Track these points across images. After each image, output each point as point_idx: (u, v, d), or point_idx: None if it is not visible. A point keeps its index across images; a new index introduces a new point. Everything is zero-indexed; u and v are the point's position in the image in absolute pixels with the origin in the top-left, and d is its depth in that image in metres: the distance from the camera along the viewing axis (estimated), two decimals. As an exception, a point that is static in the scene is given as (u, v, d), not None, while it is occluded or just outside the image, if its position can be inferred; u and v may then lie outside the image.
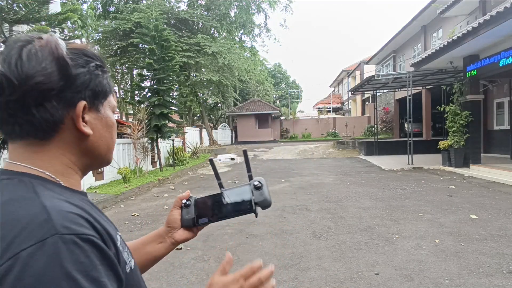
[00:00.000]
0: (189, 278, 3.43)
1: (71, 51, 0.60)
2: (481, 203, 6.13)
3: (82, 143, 0.63)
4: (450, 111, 10.47)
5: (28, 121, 0.56)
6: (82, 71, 0.60)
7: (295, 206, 6.42)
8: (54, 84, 0.56)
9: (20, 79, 0.54)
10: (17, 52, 0.56)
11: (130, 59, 16.89)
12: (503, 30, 7.73)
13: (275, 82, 43.43)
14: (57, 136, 0.60)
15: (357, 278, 3.29)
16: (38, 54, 0.56)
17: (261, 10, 20.90)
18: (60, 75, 0.57)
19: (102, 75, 0.65)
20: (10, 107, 0.55)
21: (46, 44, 0.57)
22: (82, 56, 0.62)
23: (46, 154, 0.60)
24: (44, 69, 0.55)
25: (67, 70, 0.58)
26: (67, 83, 0.58)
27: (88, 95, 0.61)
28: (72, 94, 0.59)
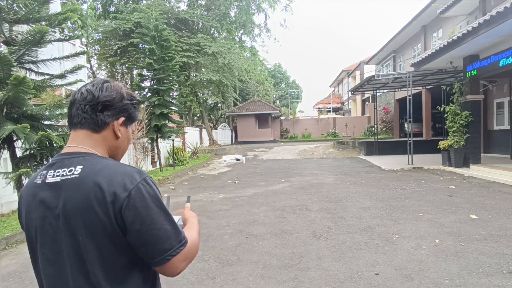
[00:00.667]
0: (189, 278, 3.43)
1: (127, 92, 1.09)
2: (481, 203, 6.13)
3: (114, 141, 1.07)
4: (450, 111, 10.47)
5: (92, 118, 1.02)
6: (127, 102, 1.09)
7: (295, 206, 6.42)
8: (113, 104, 1.04)
9: (98, 96, 1.02)
10: (101, 84, 1.05)
11: (130, 59, 16.88)
12: (503, 30, 7.73)
13: (275, 82, 43.47)
14: (103, 132, 1.04)
15: (357, 278, 3.29)
16: (112, 88, 1.06)
17: (261, 10, 20.91)
18: (118, 100, 1.05)
19: (137, 108, 1.14)
20: (86, 108, 1.02)
21: (116, 85, 1.08)
22: (131, 96, 1.11)
23: (96, 141, 1.03)
24: (112, 95, 1.04)
25: (122, 99, 1.07)
26: (119, 106, 1.06)
27: (126, 115, 1.09)
28: (119, 112, 1.06)
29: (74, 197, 0.93)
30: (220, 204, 6.87)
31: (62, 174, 0.96)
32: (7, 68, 5.04)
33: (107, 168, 0.96)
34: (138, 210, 0.92)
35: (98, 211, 0.91)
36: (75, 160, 0.97)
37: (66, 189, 0.94)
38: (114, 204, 0.91)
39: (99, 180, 0.92)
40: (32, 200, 0.98)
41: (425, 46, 18.16)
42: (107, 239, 0.92)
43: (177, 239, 0.97)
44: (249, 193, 7.91)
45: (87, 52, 15.59)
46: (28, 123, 5.00)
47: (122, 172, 0.96)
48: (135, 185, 0.94)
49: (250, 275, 3.44)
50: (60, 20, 5.76)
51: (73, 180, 0.94)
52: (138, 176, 0.97)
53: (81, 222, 0.92)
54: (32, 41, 5.29)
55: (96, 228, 0.91)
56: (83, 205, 0.92)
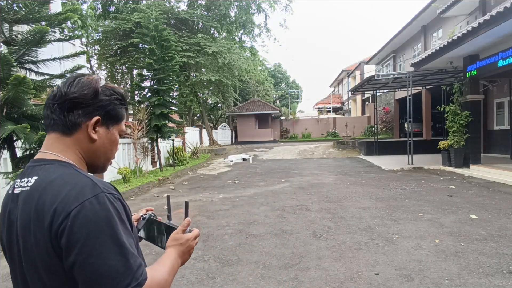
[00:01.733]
0: (189, 278, 3.43)
1: (105, 86, 0.93)
2: (481, 203, 6.13)
3: (90, 145, 0.91)
4: (450, 111, 10.47)
5: (60, 118, 0.88)
6: (104, 98, 0.92)
7: (295, 206, 6.42)
8: (84, 101, 0.88)
9: (66, 93, 0.88)
10: (73, 79, 0.91)
11: (130, 59, 16.87)
12: (503, 30, 7.73)
13: (275, 82, 43.44)
14: (75, 135, 0.89)
15: (357, 278, 3.29)
16: (84, 82, 0.90)
17: (261, 10, 20.89)
18: (90, 97, 0.89)
19: (118, 105, 0.96)
20: (53, 107, 0.88)
21: (91, 79, 0.91)
22: (111, 90, 0.94)
23: (67, 146, 0.89)
24: (82, 91, 0.88)
25: (96, 96, 0.90)
26: (92, 103, 0.89)
27: (102, 113, 0.91)
28: (93, 110, 0.90)
29: (21, 215, 0.81)
30: (220, 204, 6.87)
31: (21, 185, 0.85)
32: (7, 68, 5.04)
33: (59, 179, 0.81)
34: (76, 236, 0.73)
35: (37, 234, 0.77)
36: (36, 169, 0.85)
37: (20, 203, 0.83)
38: (51, 226, 0.75)
39: (44, 195, 0.79)
40: (3, 211, 0.89)
41: (425, 46, 18.16)
42: (49, 269, 0.77)
43: (125, 281, 0.74)
44: (249, 193, 7.91)
45: (87, 52, 15.59)
46: (28, 123, 5.00)
47: (72, 185, 0.79)
48: (79, 203, 0.75)
49: (250, 275, 3.44)
50: (60, 20, 5.76)
51: (25, 193, 0.83)
52: (90, 192, 0.78)
53: (24, 245, 0.80)
54: (32, 41, 5.29)
55: (37, 255, 0.77)
56: (25, 225, 0.79)
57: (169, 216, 1.11)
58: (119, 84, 21.82)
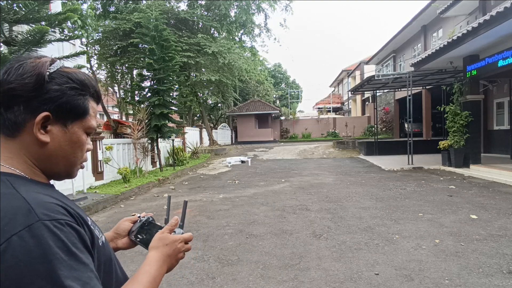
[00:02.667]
0: (189, 278, 3.43)
1: (59, 72, 0.71)
2: (481, 203, 6.13)
3: (41, 149, 0.71)
4: (450, 111, 10.47)
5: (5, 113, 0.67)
6: (54, 88, 0.69)
7: (295, 206, 6.42)
8: (24, 92, 0.67)
9: (1, 83, 0.67)
10: (17, 63, 0.69)
11: (130, 59, 16.86)
12: (503, 30, 7.73)
13: (275, 82, 43.46)
14: (19, 137, 0.69)
15: (357, 278, 3.29)
16: (25, 68, 0.68)
17: (261, 10, 20.88)
18: (32, 87, 0.67)
19: (77, 96, 0.73)
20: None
21: (38, 63, 0.69)
22: (66, 77, 0.71)
23: (11, 151, 0.69)
24: (22, 79, 0.67)
25: (40, 85, 0.67)
26: (35, 95, 0.68)
27: (52, 108, 0.69)
28: (38, 104, 0.68)
29: None
30: (220, 204, 6.87)
31: None
32: (7, 68, 5.04)
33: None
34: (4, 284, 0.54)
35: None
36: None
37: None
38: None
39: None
40: None
41: (425, 46, 18.16)
42: None
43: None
44: (249, 193, 7.91)
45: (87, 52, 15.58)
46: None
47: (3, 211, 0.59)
48: (6, 239, 0.56)
49: (250, 275, 3.44)
50: (60, 20, 5.76)
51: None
52: (21, 222, 0.58)
53: None
54: (32, 41, 5.29)
55: None
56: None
57: (166, 219, 1.01)
58: (119, 84, 21.82)
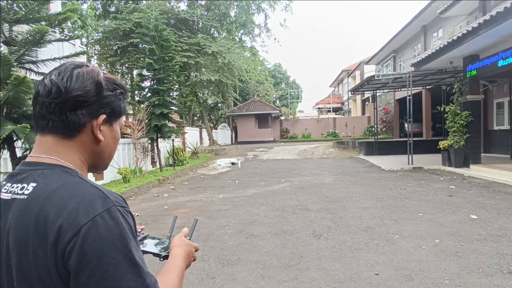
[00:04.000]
0: (189, 278, 3.43)
1: (106, 79, 0.82)
2: (481, 203, 6.13)
3: (95, 146, 0.82)
4: (450, 111, 10.47)
5: (61, 120, 0.76)
6: (109, 94, 0.81)
7: (295, 206, 6.42)
8: (88, 99, 0.77)
9: (66, 90, 0.75)
10: (70, 71, 0.77)
11: (130, 59, 16.87)
12: (503, 30, 7.73)
13: (275, 82, 43.46)
14: (78, 136, 0.78)
15: (357, 278, 3.29)
16: (84, 76, 0.77)
17: (261, 10, 20.89)
18: (94, 93, 0.78)
19: (122, 100, 0.86)
20: (51, 107, 0.75)
21: (91, 71, 0.79)
22: (113, 83, 0.83)
23: (69, 149, 0.78)
24: (84, 87, 0.76)
25: (100, 91, 0.79)
26: (97, 100, 0.78)
27: (108, 111, 0.81)
28: (98, 108, 0.79)
29: (16, 226, 0.70)
30: (220, 204, 6.87)
31: (13, 191, 0.74)
32: (7, 68, 5.04)
33: (63, 189, 0.71)
34: (88, 257, 0.64)
35: (37, 252, 0.66)
36: (32, 175, 0.74)
37: (14, 212, 0.72)
38: (56, 244, 0.65)
39: (47, 206, 0.68)
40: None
41: (425, 46, 18.16)
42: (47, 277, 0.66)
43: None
44: (249, 193, 7.91)
45: (87, 52, 15.59)
46: (28, 123, 5.00)
47: (80, 196, 0.69)
48: (90, 218, 0.66)
49: (250, 275, 3.44)
50: (60, 20, 5.76)
51: (21, 201, 0.72)
52: (101, 205, 0.69)
53: (18, 263, 0.69)
54: (32, 41, 5.29)
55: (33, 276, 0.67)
56: (22, 240, 0.68)
57: (169, 236, 1.06)
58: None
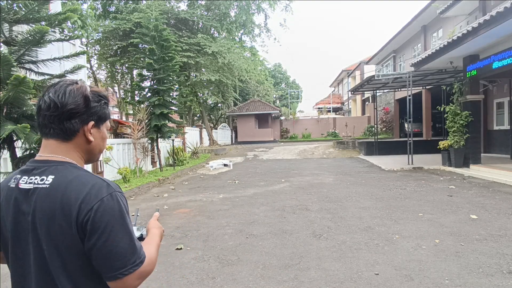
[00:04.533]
0: (189, 278, 3.43)
1: (92, 92, 1.05)
2: (481, 203, 6.13)
3: (87, 145, 1.06)
4: (450, 111, 10.47)
5: (60, 128, 1.00)
6: (95, 105, 1.05)
7: (295, 206, 6.42)
8: (79, 110, 1.00)
9: (61, 105, 0.99)
10: (63, 89, 1.01)
11: (130, 59, 16.86)
12: (503, 30, 7.73)
13: (275, 82, 43.47)
14: (74, 139, 1.02)
15: (357, 278, 3.29)
16: (75, 92, 1.01)
17: (261, 10, 20.88)
18: (84, 106, 1.01)
19: (106, 107, 1.10)
20: (51, 118, 0.99)
21: (80, 87, 1.02)
22: (98, 95, 1.06)
23: (69, 149, 1.03)
24: (76, 101, 1.00)
25: (88, 104, 1.02)
26: (86, 111, 1.02)
27: (95, 118, 1.05)
28: (87, 117, 1.03)
29: (43, 207, 0.94)
30: (220, 204, 6.87)
31: (34, 182, 0.97)
32: (7, 68, 5.04)
33: (77, 179, 0.96)
34: (97, 224, 0.91)
35: (62, 223, 0.92)
36: (48, 169, 0.98)
37: (37, 198, 0.95)
38: (78, 217, 0.92)
39: (67, 192, 0.93)
40: (6, 202, 1.00)
41: (425, 46, 18.16)
42: (71, 250, 0.93)
43: (132, 259, 0.95)
44: (249, 193, 7.91)
45: (87, 52, 15.58)
46: (28, 123, 5.00)
47: (91, 185, 0.95)
48: (99, 199, 0.93)
49: (250, 275, 3.44)
50: (60, 20, 5.76)
51: (44, 189, 0.95)
52: (106, 190, 0.95)
53: (47, 232, 0.93)
54: (32, 41, 5.29)
55: (60, 239, 0.93)
56: (50, 216, 0.93)
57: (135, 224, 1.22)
58: (119, 84, 21.83)
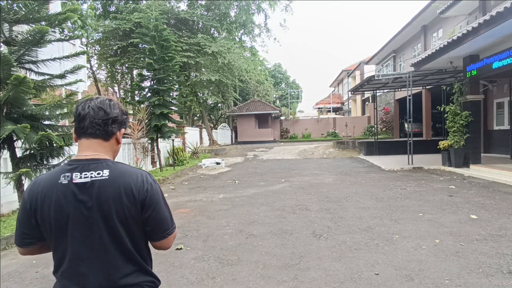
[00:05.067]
0: (189, 278, 3.43)
1: (119, 106, 1.38)
2: (481, 203, 6.13)
3: (116, 146, 1.39)
4: (450, 111, 10.47)
5: (105, 129, 1.31)
6: (125, 117, 1.41)
7: (295, 206, 6.42)
8: (118, 118, 1.36)
9: (109, 112, 1.33)
10: (108, 102, 1.35)
11: (130, 59, 16.84)
12: (503, 30, 7.73)
13: (275, 82, 43.45)
14: (110, 140, 1.34)
15: (357, 278, 3.29)
16: (116, 105, 1.37)
17: (261, 10, 20.86)
18: (121, 115, 1.37)
19: (128, 118, 1.46)
20: (100, 122, 1.30)
21: (117, 102, 1.38)
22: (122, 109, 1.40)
23: (107, 148, 1.34)
24: (117, 111, 1.36)
25: (122, 114, 1.39)
26: (121, 119, 1.37)
27: (124, 125, 1.40)
28: (121, 124, 1.38)
29: (107, 193, 1.24)
30: (220, 204, 6.87)
31: (90, 176, 1.24)
32: (7, 68, 5.04)
33: (128, 171, 1.30)
34: (151, 201, 1.29)
35: (126, 202, 1.25)
36: (100, 165, 1.27)
37: (99, 187, 1.24)
38: (138, 197, 1.27)
39: (126, 180, 1.27)
40: (61, 196, 1.23)
41: (425, 46, 18.16)
42: (134, 220, 1.27)
43: (172, 224, 1.38)
44: (249, 193, 7.91)
45: (87, 52, 15.57)
46: (28, 123, 5.00)
47: (139, 174, 1.32)
48: (149, 183, 1.31)
49: (250, 275, 3.44)
50: (60, 20, 5.76)
51: (104, 180, 1.25)
52: (149, 177, 1.33)
53: (114, 210, 1.24)
54: (32, 41, 5.29)
55: (125, 214, 1.25)
56: (116, 198, 1.24)
57: None
58: (119, 84, 21.82)
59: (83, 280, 1.25)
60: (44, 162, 5.76)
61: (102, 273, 1.25)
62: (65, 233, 1.24)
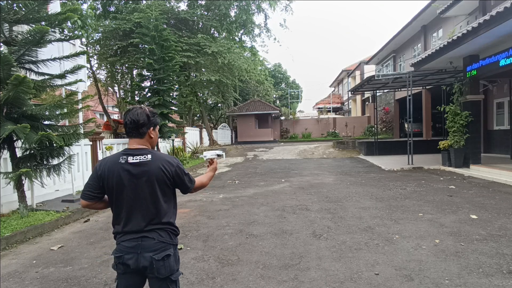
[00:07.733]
0: (189, 278, 3.43)
1: (150, 111, 1.99)
2: (481, 203, 6.13)
3: (151, 140, 2.01)
4: (450, 111, 10.47)
5: (138, 131, 1.95)
6: (153, 118, 2.00)
7: (295, 206, 6.42)
8: (145, 122, 1.95)
9: (137, 120, 1.94)
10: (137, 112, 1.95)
11: (130, 59, 16.83)
12: (503, 30, 7.73)
13: (275, 82, 43.37)
14: (145, 137, 1.97)
15: (357, 278, 3.29)
16: (142, 113, 1.95)
17: (261, 10, 20.84)
18: (147, 120, 1.96)
19: (158, 118, 2.08)
20: (133, 127, 1.94)
21: (144, 110, 1.97)
22: (152, 112, 2.00)
23: (144, 142, 1.97)
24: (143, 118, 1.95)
25: (149, 118, 1.97)
26: (148, 122, 1.97)
27: (153, 125, 2.00)
28: (149, 125, 1.97)
29: (151, 169, 1.88)
30: (220, 204, 6.87)
31: (139, 158, 1.87)
32: (7, 68, 5.04)
33: (163, 155, 1.96)
34: (179, 173, 1.97)
35: (163, 174, 1.89)
36: (144, 152, 1.90)
37: (144, 165, 1.87)
38: (170, 171, 1.93)
39: (162, 161, 1.91)
40: (120, 170, 1.86)
41: (425, 46, 18.16)
42: (166, 185, 1.93)
43: (192, 181, 2.09)
44: (249, 193, 7.91)
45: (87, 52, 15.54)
46: (28, 123, 5.00)
47: (171, 157, 1.99)
48: (176, 163, 1.97)
49: (250, 275, 3.44)
50: (60, 20, 5.76)
51: (148, 161, 1.88)
52: (176, 160, 2.01)
53: (155, 180, 1.88)
54: (32, 41, 5.29)
55: (163, 182, 1.91)
56: (156, 172, 1.88)
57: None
58: (119, 84, 21.80)
59: (133, 222, 1.89)
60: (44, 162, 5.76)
61: (144, 218, 1.89)
62: (122, 193, 1.88)
